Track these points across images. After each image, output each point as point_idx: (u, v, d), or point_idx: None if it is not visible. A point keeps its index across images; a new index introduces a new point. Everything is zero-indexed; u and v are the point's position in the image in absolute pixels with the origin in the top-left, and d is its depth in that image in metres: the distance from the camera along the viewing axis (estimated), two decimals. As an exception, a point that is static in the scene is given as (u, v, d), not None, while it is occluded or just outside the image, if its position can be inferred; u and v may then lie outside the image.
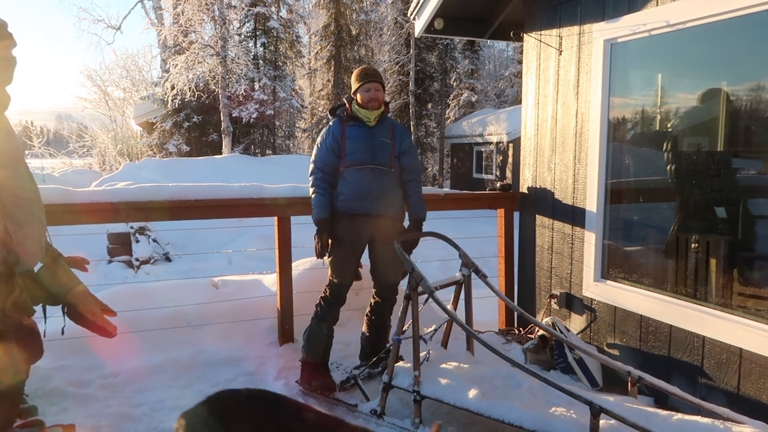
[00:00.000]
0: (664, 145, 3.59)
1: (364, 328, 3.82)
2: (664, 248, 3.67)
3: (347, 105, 3.63)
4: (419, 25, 4.97)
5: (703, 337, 3.16)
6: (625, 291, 3.69)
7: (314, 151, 3.63)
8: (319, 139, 3.63)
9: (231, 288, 4.69)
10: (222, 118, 20.09)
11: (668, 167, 3.54)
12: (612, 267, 3.88)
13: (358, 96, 3.58)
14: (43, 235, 2.15)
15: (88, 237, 8.29)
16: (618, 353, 3.74)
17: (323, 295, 3.65)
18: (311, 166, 3.61)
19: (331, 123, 3.66)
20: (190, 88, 19.49)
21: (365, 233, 3.57)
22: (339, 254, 3.55)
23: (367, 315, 3.81)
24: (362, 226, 3.54)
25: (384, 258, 3.63)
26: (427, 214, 3.73)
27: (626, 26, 3.54)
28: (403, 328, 3.23)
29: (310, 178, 3.60)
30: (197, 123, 22.25)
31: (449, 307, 3.34)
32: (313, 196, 3.55)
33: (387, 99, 3.90)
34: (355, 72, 3.67)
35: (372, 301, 3.79)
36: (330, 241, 3.56)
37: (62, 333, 2.31)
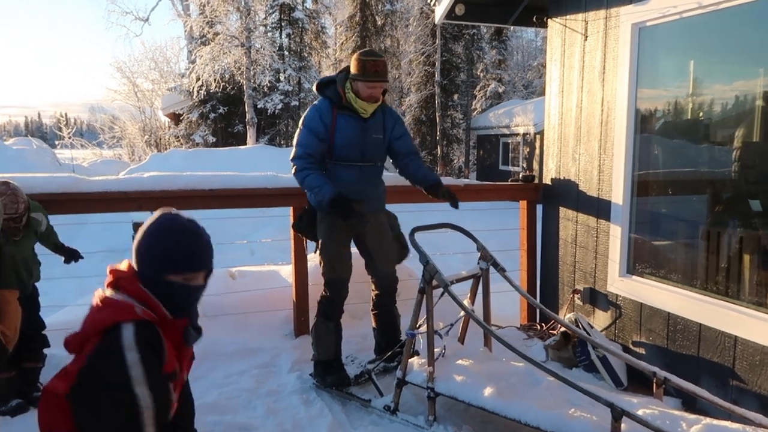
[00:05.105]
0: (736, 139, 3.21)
1: (373, 324, 3.71)
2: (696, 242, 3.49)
3: (340, 89, 3.24)
4: (439, 11, 4.83)
5: (735, 336, 3.00)
6: (652, 287, 3.54)
7: (300, 134, 3.26)
8: (304, 120, 3.27)
9: (248, 278, 4.65)
10: (247, 109, 20.17)
11: (735, 157, 3.20)
12: (638, 262, 3.72)
13: (359, 87, 3.20)
14: None
15: (114, 226, 8.38)
16: (644, 352, 3.59)
17: (324, 294, 3.47)
18: (296, 149, 3.23)
19: (318, 103, 3.30)
20: (215, 79, 19.61)
21: (351, 229, 3.42)
22: (333, 249, 3.39)
23: (372, 310, 3.69)
24: (349, 222, 3.37)
25: (377, 249, 3.51)
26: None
27: (655, 9, 3.37)
28: (418, 323, 3.13)
29: (296, 162, 3.21)
30: (223, 114, 22.40)
31: (466, 301, 3.24)
32: (307, 178, 3.17)
33: (412, 90, 3.72)
34: (360, 58, 3.16)
35: (373, 294, 3.66)
36: (322, 237, 3.39)
37: None
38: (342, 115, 3.24)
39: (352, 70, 3.21)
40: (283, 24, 22.69)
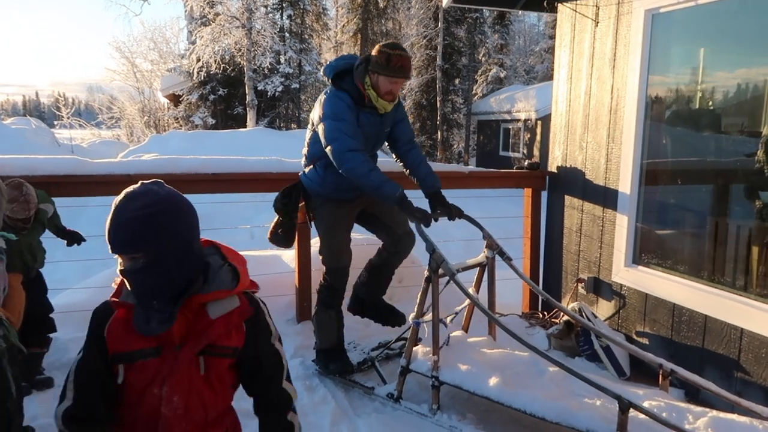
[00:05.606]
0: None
1: (363, 275, 3.54)
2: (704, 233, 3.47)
3: (359, 84, 3.07)
4: (448, -5, 4.75)
5: (741, 329, 2.98)
6: (658, 277, 3.52)
7: (338, 126, 3.00)
8: (337, 112, 3.02)
9: (250, 263, 4.57)
10: (247, 91, 20.01)
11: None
12: (644, 252, 3.70)
13: (380, 81, 3.03)
14: None
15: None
16: (647, 342, 3.59)
17: (324, 283, 3.39)
18: (346, 141, 2.98)
19: (339, 94, 3.07)
20: (215, 61, 19.42)
21: (353, 213, 3.38)
22: (337, 237, 3.33)
23: (371, 262, 3.52)
24: (349, 207, 3.34)
25: (388, 215, 3.37)
26: (451, 191, 3.54)
27: (670, -5, 3.31)
28: (423, 311, 3.11)
29: (354, 155, 2.97)
30: (223, 96, 22.23)
31: (471, 290, 3.22)
32: (372, 173, 2.98)
33: (413, 73, 3.58)
34: (385, 50, 2.99)
35: (383, 251, 3.48)
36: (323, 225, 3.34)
37: None
38: (364, 112, 3.13)
39: (374, 60, 3.02)
40: (284, 5, 22.44)
